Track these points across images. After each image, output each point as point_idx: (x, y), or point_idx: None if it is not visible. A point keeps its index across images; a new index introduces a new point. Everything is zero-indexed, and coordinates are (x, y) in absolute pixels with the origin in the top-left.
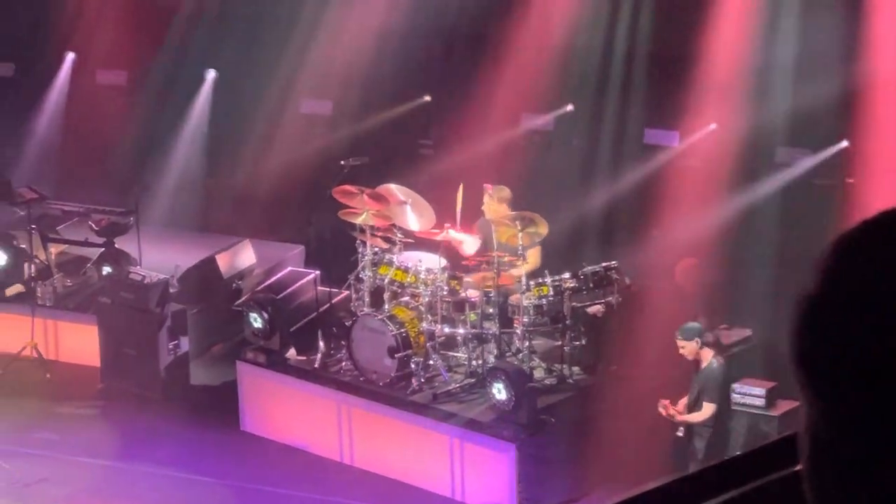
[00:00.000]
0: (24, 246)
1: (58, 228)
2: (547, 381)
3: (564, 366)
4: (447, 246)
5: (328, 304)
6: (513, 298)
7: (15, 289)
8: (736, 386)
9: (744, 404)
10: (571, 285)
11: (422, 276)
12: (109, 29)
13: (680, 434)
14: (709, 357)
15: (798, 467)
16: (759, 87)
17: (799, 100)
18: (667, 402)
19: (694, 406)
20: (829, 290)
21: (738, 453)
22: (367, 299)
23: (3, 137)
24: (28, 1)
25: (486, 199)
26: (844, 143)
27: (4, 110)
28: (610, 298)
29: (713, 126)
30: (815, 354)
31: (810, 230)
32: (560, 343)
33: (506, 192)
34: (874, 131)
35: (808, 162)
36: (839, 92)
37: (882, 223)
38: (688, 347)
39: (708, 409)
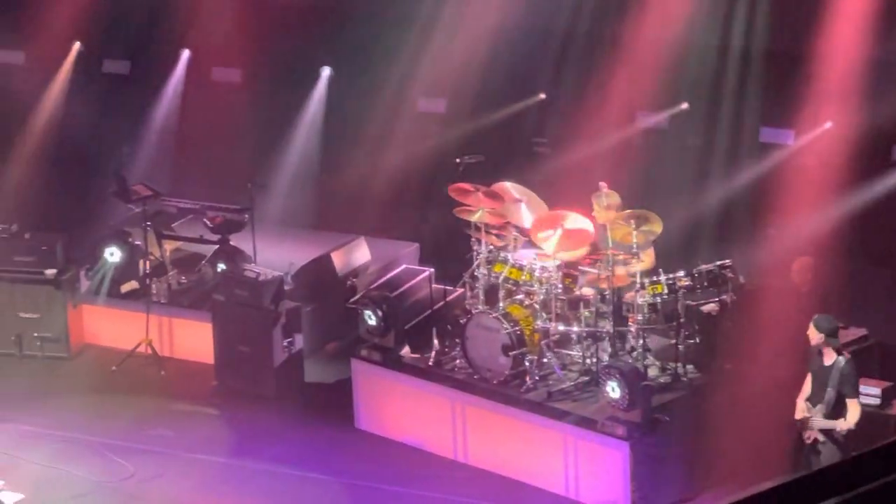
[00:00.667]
0: (139, 243)
1: (173, 225)
2: (661, 380)
3: (678, 364)
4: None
5: (442, 302)
6: (627, 296)
7: (130, 286)
8: None
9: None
10: (686, 284)
11: (536, 273)
12: (224, 26)
13: (815, 438)
14: (833, 354)
15: None
16: (876, 84)
17: None
18: (803, 406)
19: (835, 406)
20: None
21: (859, 452)
22: (481, 297)
23: (119, 135)
24: None
25: (595, 205)
26: None
27: (120, 108)
28: (724, 297)
29: (829, 124)
30: None
31: None
32: (674, 341)
33: (615, 197)
34: None
35: None
36: None
37: None
38: (815, 337)
39: (855, 408)
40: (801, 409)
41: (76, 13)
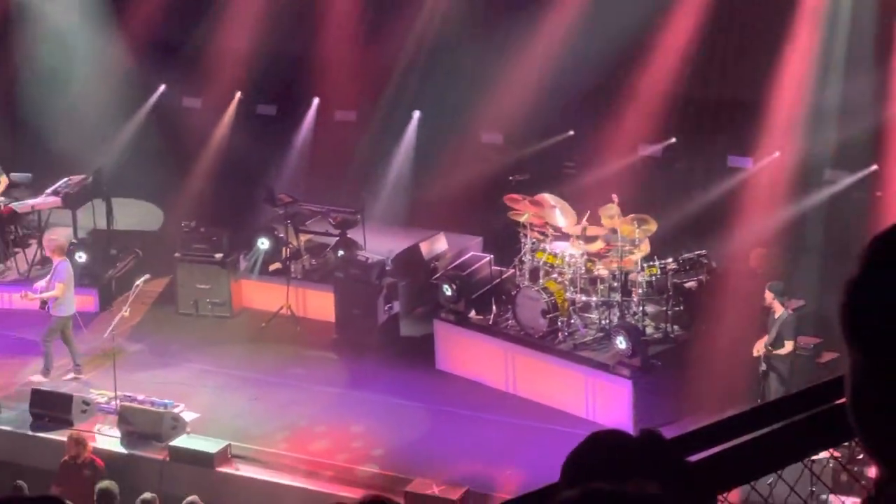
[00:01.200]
0: (282, 235)
1: (306, 223)
2: (655, 336)
3: (668, 325)
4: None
5: (499, 279)
6: (631, 276)
7: (275, 266)
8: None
9: (798, 354)
10: (673, 267)
11: (566, 259)
12: (344, 78)
13: (764, 368)
14: (780, 308)
15: (841, 401)
16: (812, 124)
17: (841, 133)
18: (759, 346)
19: (774, 344)
20: (868, 275)
21: (798, 390)
22: (527, 275)
23: (270, 159)
24: (288, 59)
25: (602, 216)
26: (874, 167)
27: (269, 139)
28: (701, 277)
29: (777, 153)
30: (858, 322)
31: (848, 232)
32: (664, 308)
33: (615, 209)
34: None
35: (847, 180)
36: (871, 128)
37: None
38: (769, 298)
39: (789, 345)
40: (758, 349)
41: (238, 70)
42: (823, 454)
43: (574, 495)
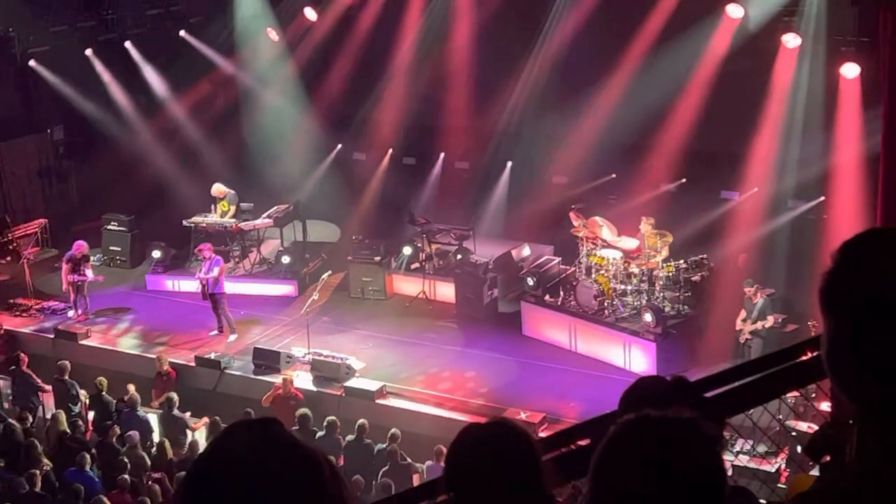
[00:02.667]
0: (419, 245)
1: (436, 236)
2: (671, 313)
3: (680, 305)
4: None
5: (564, 274)
6: (655, 273)
7: (415, 265)
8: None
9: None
10: (684, 266)
11: (611, 260)
12: (461, 139)
13: (747, 337)
14: (759, 296)
15: (804, 357)
16: (780, 168)
17: (800, 175)
18: (739, 323)
19: (757, 321)
20: (837, 268)
21: (773, 351)
22: (584, 271)
23: (411, 194)
24: (423, 126)
25: (641, 229)
26: (823, 198)
27: (411, 181)
28: (703, 273)
29: (756, 189)
30: (832, 300)
31: (804, 243)
32: (678, 294)
33: (646, 227)
34: (838, 191)
35: (804, 207)
36: (821, 171)
37: (863, 237)
38: (749, 291)
39: (770, 319)
40: (738, 325)
41: (390, 133)
42: (792, 393)
43: (633, 418)
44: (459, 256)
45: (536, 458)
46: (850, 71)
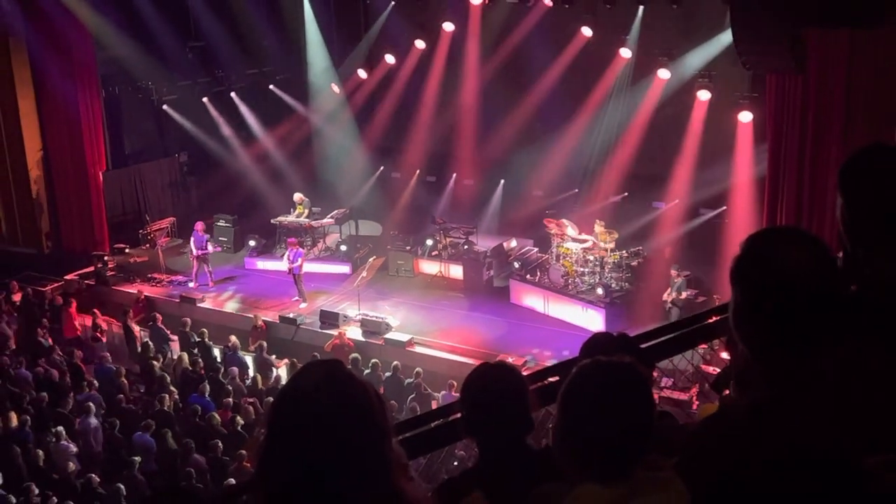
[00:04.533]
0: (438, 238)
1: (450, 232)
2: (616, 288)
3: (624, 283)
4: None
5: (541, 260)
6: (605, 259)
7: (435, 253)
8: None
9: (687, 298)
10: (626, 255)
11: (574, 251)
12: (469, 162)
13: (669, 306)
14: (679, 276)
15: (713, 319)
16: (695, 186)
17: (709, 191)
18: (665, 294)
19: (678, 293)
20: (743, 254)
21: (688, 315)
22: (554, 258)
23: (432, 203)
24: (442, 151)
25: (595, 229)
26: (724, 207)
27: (432, 195)
28: (640, 260)
29: (677, 200)
30: (738, 276)
31: (712, 239)
32: (621, 275)
33: (599, 227)
34: (735, 202)
35: (711, 214)
36: (723, 189)
37: (762, 233)
38: (673, 273)
39: (684, 294)
40: (664, 297)
41: (418, 156)
42: (702, 345)
43: (589, 362)
44: (466, 247)
45: (524, 388)
46: (745, 116)
